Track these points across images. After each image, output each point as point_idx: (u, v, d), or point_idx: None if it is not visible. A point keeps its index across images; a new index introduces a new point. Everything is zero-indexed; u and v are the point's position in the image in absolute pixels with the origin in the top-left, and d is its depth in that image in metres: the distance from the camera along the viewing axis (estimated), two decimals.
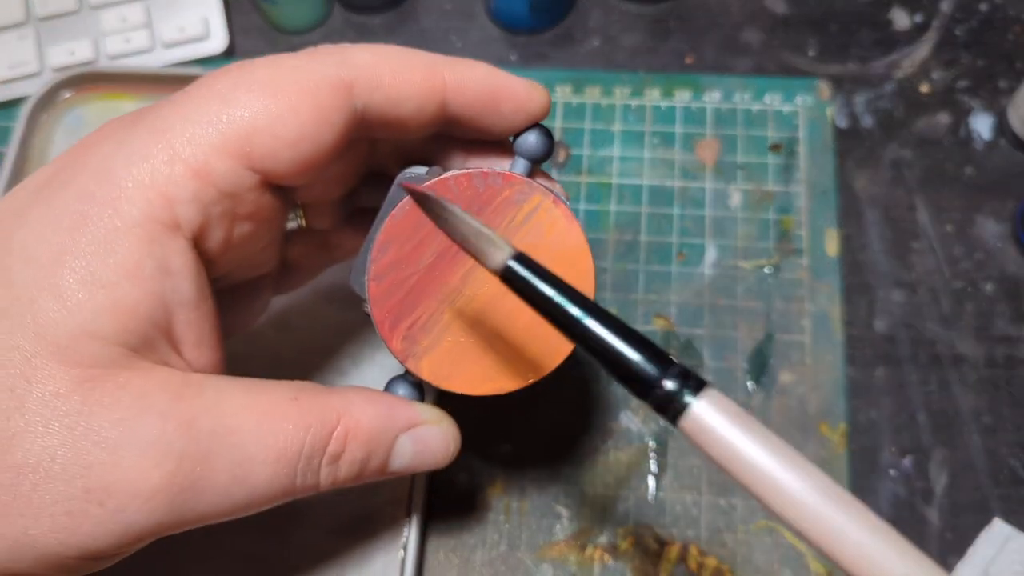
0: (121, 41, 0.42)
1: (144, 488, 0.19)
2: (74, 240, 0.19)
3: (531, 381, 0.24)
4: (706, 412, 0.17)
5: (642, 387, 0.17)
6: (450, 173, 0.24)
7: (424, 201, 0.20)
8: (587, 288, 0.24)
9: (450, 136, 0.26)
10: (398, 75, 0.23)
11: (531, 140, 0.25)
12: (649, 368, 0.17)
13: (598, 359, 0.18)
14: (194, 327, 0.21)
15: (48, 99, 0.40)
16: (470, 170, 0.24)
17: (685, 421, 0.17)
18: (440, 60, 0.24)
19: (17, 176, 0.38)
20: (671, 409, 0.17)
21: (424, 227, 0.23)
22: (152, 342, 0.20)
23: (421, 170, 0.25)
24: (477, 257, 0.19)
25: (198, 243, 0.21)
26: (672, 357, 0.17)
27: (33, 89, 0.41)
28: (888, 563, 0.15)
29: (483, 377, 0.24)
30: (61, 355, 0.19)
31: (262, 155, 0.21)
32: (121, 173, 0.20)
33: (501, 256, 0.18)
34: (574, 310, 0.18)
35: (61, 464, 0.18)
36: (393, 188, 0.25)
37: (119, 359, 0.20)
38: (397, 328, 0.23)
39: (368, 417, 0.23)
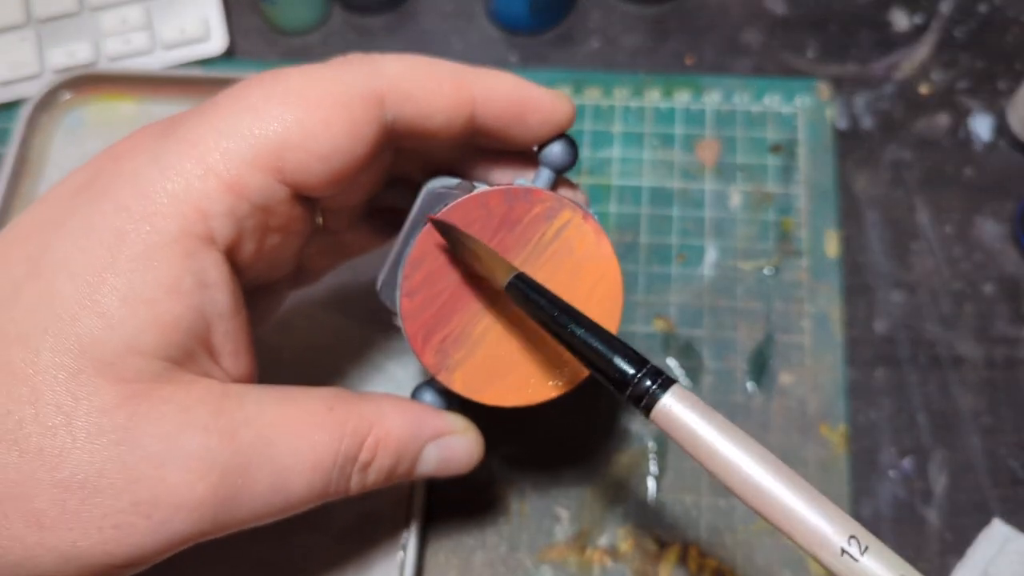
0: (121, 42, 0.42)
1: (189, 500, 0.19)
2: (113, 257, 0.19)
3: (561, 392, 0.24)
4: (672, 404, 0.19)
5: (621, 384, 0.20)
6: (480, 190, 0.24)
7: (445, 231, 0.22)
8: (615, 300, 0.24)
9: (474, 145, 0.26)
10: (428, 87, 0.23)
11: (556, 151, 0.25)
12: (627, 368, 0.20)
13: (584, 361, 0.20)
14: (231, 337, 0.22)
15: (48, 100, 0.40)
16: (501, 186, 0.24)
17: (656, 412, 0.19)
18: (469, 72, 0.24)
19: (17, 177, 0.39)
20: (644, 402, 0.19)
21: None
22: (193, 354, 0.21)
23: (451, 182, 0.25)
24: (488, 277, 0.22)
25: (231, 255, 0.21)
26: (645, 359, 0.20)
27: (33, 90, 0.41)
28: (832, 536, 0.17)
29: (515, 389, 0.24)
30: (106, 371, 0.19)
31: (294, 169, 0.21)
32: (155, 187, 0.20)
33: (505, 276, 0.21)
34: (565, 320, 0.20)
35: (109, 479, 0.19)
36: (419, 201, 0.25)
37: (162, 373, 0.20)
38: (430, 342, 0.24)
39: (398, 426, 0.24)
